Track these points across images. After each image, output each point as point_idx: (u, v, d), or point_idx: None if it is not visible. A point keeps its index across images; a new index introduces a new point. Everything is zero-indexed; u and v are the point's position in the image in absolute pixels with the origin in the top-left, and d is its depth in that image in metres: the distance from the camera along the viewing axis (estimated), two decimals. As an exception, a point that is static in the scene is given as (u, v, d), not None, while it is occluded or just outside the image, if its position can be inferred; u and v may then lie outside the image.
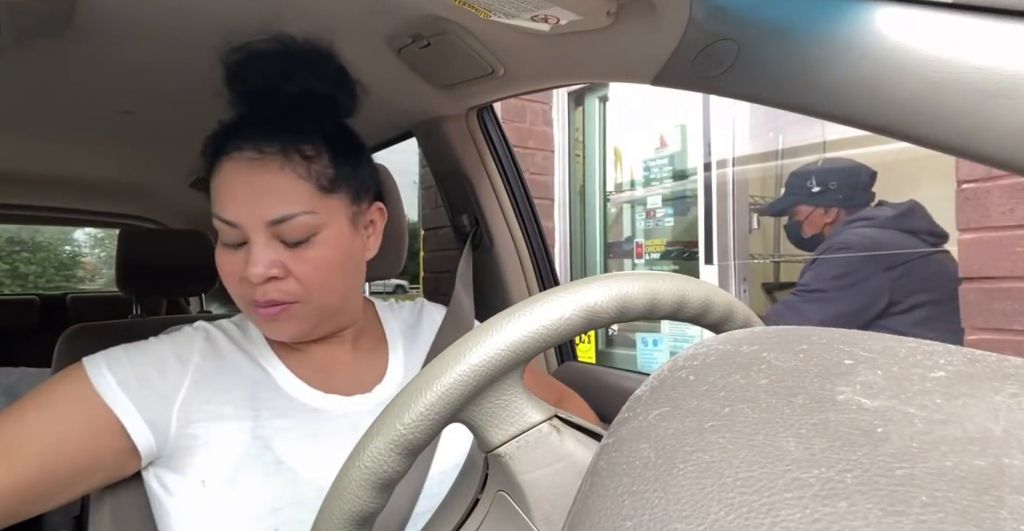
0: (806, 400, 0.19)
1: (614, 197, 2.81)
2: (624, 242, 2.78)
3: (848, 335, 0.24)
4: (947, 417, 0.18)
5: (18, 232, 6.16)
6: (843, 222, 1.75)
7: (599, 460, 0.22)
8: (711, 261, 2.23)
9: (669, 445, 0.20)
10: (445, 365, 0.33)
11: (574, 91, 2.82)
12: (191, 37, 0.81)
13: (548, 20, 0.65)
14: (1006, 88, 0.42)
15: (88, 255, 6.94)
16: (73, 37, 0.78)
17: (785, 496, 0.16)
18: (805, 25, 0.53)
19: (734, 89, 0.61)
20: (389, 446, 0.33)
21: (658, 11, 0.61)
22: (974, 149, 0.45)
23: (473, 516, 0.39)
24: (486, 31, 0.76)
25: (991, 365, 0.20)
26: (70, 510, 1.45)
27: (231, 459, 0.61)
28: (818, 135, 2.11)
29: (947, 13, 0.45)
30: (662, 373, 0.25)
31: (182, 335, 0.67)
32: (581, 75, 0.87)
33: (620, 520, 0.18)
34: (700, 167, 2.31)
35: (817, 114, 0.55)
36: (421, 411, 0.32)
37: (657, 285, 0.36)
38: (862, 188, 1.80)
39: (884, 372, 0.20)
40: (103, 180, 1.95)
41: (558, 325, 0.33)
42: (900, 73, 0.47)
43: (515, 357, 0.33)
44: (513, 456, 0.36)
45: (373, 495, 0.34)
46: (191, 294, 2.29)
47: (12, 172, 1.77)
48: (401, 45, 0.83)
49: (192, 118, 1.31)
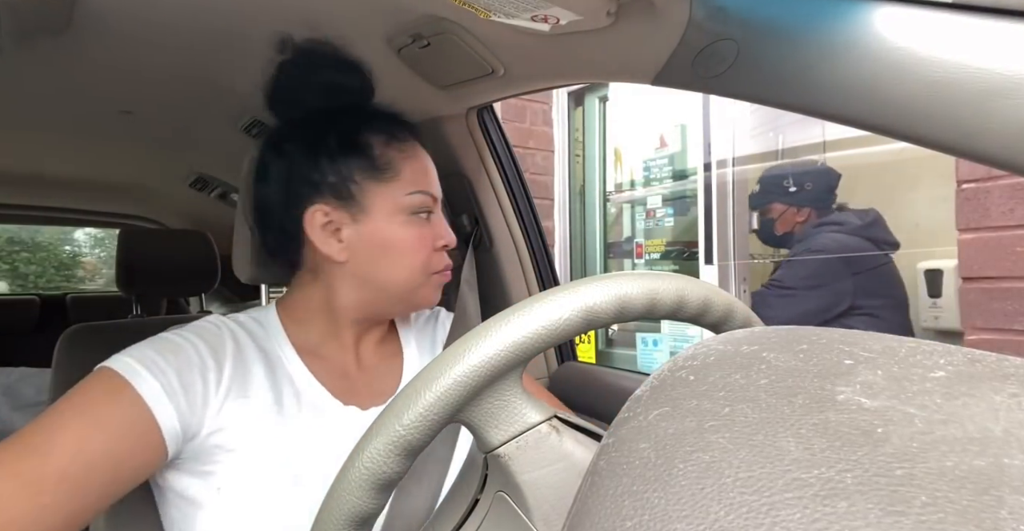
0: (806, 400, 0.19)
1: (614, 197, 2.81)
2: (624, 242, 2.78)
3: (848, 335, 0.24)
4: (947, 417, 0.18)
5: (18, 232, 6.16)
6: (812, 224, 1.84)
7: (599, 460, 0.22)
8: (711, 261, 2.22)
9: (669, 445, 0.20)
10: (444, 366, 0.33)
11: (574, 91, 2.82)
12: (191, 37, 0.82)
13: (548, 20, 0.65)
14: (1006, 88, 0.42)
15: (88, 255, 6.94)
16: (73, 37, 0.78)
17: (785, 496, 0.16)
18: (805, 25, 0.53)
19: (734, 89, 0.61)
20: (388, 447, 0.33)
21: (658, 11, 0.61)
22: (974, 149, 0.45)
23: (473, 516, 0.38)
24: (486, 31, 0.76)
25: (991, 365, 0.20)
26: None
27: (252, 468, 0.59)
28: (818, 135, 2.11)
29: (947, 13, 0.45)
30: (662, 373, 0.25)
31: (211, 335, 0.64)
32: (581, 75, 0.87)
33: (620, 520, 0.18)
34: (700, 167, 2.31)
35: (817, 114, 0.55)
36: (420, 412, 0.32)
37: (656, 285, 0.36)
38: (830, 191, 1.94)
39: (884, 372, 0.20)
40: (103, 180, 1.95)
41: (557, 325, 0.33)
42: (900, 73, 0.47)
43: (514, 357, 0.33)
44: (512, 456, 0.36)
45: (372, 496, 0.34)
46: (191, 294, 2.29)
47: (12, 172, 1.77)
48: (401, 45, 0.83)
49: (192, 118, 1.31)
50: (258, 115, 1.22)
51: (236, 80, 1.03)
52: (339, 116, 0.69)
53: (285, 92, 0.70)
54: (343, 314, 0.69)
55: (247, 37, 0.84)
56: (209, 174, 1.80)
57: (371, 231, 0.66)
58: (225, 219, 1.89)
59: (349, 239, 0.66)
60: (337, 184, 0.66)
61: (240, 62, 0.97)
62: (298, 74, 0.70)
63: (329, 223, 0.66)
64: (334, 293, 0.68)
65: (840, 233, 1.77)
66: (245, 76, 1.04)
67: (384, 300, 0.69)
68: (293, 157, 0.67)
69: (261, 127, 1.26)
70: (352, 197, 0.66)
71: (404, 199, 0.67)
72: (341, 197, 0.66)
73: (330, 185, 0.66)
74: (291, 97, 0.70)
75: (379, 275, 0.67)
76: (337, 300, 0.68)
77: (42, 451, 0.51)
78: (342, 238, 0.66)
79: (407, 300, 0.69)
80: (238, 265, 0.80)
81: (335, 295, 0.68)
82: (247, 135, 1.29)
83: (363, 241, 0.66)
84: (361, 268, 0.66)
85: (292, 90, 0.70)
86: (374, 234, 0.66)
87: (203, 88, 1.06)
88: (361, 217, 0.66)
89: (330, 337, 0.70)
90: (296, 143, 0.67)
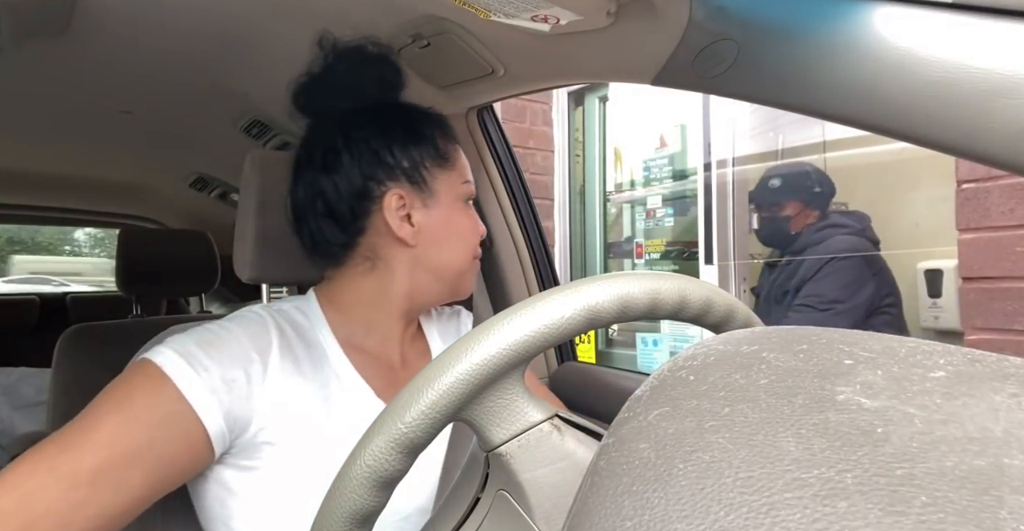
0: (806, 400, 0.19)
1: (614, 197, 2.81)
2: (624, 242, 2.78)
3: (848, 335, 0.24)
4: (947, 417, 0.18)
5: (18, 232, 6.16)
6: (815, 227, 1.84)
7: (599, 460, 0.22)
8: (711, 261, 2.23)
9: (669, 445, 0.20)
10: (447, 364, 0.33)
11: (574, 91, 2.82)
12: (191, 38, 0.82)
13: (548, 20, 0.65)
14: (1006, 88, 0.42)
15: (88, 255, 6.94)
16: (73, 37, 0.78)
17: (785, 496, 0.16)
18: (805, 25, 0.53)
19: (734, 89, 0.61)
20: (390, 445, 0.33)
21: (658, 11, 0.61)
22: (974, 149, 0.45)
23: (474, 515, 0.38)
24: (486, 31, 0.76)
25: (991, 365, 0.20)
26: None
27: (296, 462, 0.59)
28: (818, 135, 2.11)
29: (947, 13, 0.45)
30: (662, 373, 0.25)
31: (256, 327, 0.63)
32: (581, 75, 0.87)
33: (620, 520, 0.18)
34: (700, 167, 2.31)
35: (817, 114, 0.55)
36: (423, 409, 0.32)
37: (659, 285, 0.36)
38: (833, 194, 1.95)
39: (884, 372, 0.20)
40: (103, 180, 1.95)
41: (559, 324, 0.33)
42: (900, 73, 0.47)
43: (517, 356, 0.33)
44: (514, 455, 0.36)
45: (374, 494, 0.34)
46: (191, 294, 2.28)
47: (12, 172, 1.77)
48: (401, 45, 0.83)
49: (192, 118, 1.31)
50: (258, 115, 1.22)
51: (236, 80, 1.03)
52: (398, 108, 0.72)
53: (333, 86, 0.72)
54: (395, 304, 0.70)
55: (247, 37, 0.84)
56: (209, 174, 1.80)
57: (439, 216, 0.69)
58: (225, 219, 1.89)
59: (419, 223, 0.68)
60: (410, 169, 0.68)
61: (240, 62, 0.97)
62: (348, 70, 0.72)
63: (403, 206, 0.68)
64: (392, 280, 0.69)
65: (849, 235, 1.76)
66: (245, 76, 1.04)
67: (437, 286, 0.71)
68: (369, 144, 0.68)
69: (261, 127, 1.26)
70: (424, 182, 0.69)
71: (461, 187, 0.71)
72: (414, 181, 0.68)
73: (404, 170, 0.68)
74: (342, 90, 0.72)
75: (441, 259, 0.69)
76: (394, 288, 0.69)
77: (78, 446, 0.50)
78: (413, 222, 0.68)
79: (454, 286, 0.72)
80: (239, 265, 0.80)
81: (393, 282, 0.69)
82: (247, 135, 1.29)
83: (433, 226, 0.69)
84: (426, 252, 0.69)
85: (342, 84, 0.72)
86: (442, 219, 0.69)
87: (203, 88, 1.06)
88: (431, 202, 0.69)
89: (377, 330, 0.70)
90: (368, 131, 0.69)
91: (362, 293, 0.70)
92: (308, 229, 0.70)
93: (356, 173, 0.67)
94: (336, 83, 0.71)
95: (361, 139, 0.68)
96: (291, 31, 0.85)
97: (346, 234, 0.69)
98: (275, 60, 0.93)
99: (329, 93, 0.72)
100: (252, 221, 0.78)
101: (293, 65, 0.72)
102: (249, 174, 0.79)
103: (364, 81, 0.72)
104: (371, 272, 0.69)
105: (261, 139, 1.30)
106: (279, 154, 0.82)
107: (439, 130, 0.72)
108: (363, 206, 0.67)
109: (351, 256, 0.70)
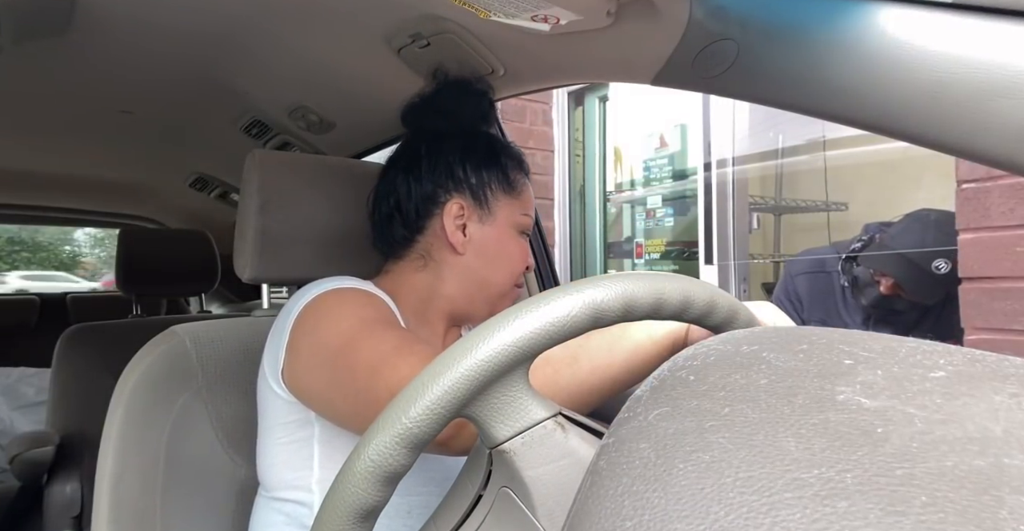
0: (806, 400, 0.19)
1: (614, 197, 2.81)
2: (624, 242, 2.78)
3: (848, 335, 0.24)
4: (947, 417, 0.18)
5: (18, 232, 6.17)
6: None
7: (599, 460, 0.22)
8: (711, 261, 2.23)
9: (669, 445, 0.20)
10: (452, 360, 0.33)
11: (574, 91, 2.82)
12: (191, 38, 0.82)
13: (548, 20, 0.65)
14: (1006, 88, 0.42)
15: (88, 255, 6.95)
16: (73, 37, 0.78)
17: (785, 496, 0.16)
18: (805, 25, 0.53)
19: (734, 89, 0.61)
20: (395, 440, 0.33)
21: (658, 11, 0.61)
22: (974, 149, 0.45)
23: (476, 512, 0.39)
24: (486, 31, 0.77)
25: (991, 365, 0.20)
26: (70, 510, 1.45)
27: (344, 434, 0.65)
28: (818, 134, 2.11)
29: (947, 13, 0.45)
30: (662, 373, 0.25)
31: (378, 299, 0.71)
32: (581, 75, 0.87)
33: (620, 520, 0.18)
34: (700, 167, 2.31)
35: (817, 114, 0.55)
36: (427, 405, 0.32)
37: (663, 286, 0.36)
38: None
39: (884, 372, 0.20)
40: (103, 180, 1.95)
41: (564, 323, 0.33)
42: (900, 73, 0.47)
43: (521, 354, 0.33)
44: (517, 452, 0.36)
45: (378, 488, 0.34)
46: (191, 294, 2.28)
47: (12, 172, 1.77)
48: (401, 45, 0.83)
49: (192, 118, 1.31)
50: (258, 115, 1.22)
51: (236, 80, 1.03)
52: (485, 136, 0.81)
53: (437, 109, 0.82)
54: (441, 304, 0.76)
55: (247, 37, 0.84)
56: (209, 174, 1.80)
57: (491, 235, 0.76)
58: (225, 219, 1.89)
59: (472, 236, 0.75)
60: (476, 186, 0.76)
61: (240, 62, 0.97)
62: (452, 97, 0.82)
63: (460, 216, 0.75)
64: (441, 281, 0.76)
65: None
66: (245, 76, 1.04)
67: (477, 297, 0.77)
68: (447, 157, 0.77)
69: (261, 127, 1.26)
70: (486, 201, 0.76)
71: (520, 217, 0.79)
72: (477, 198, 0.76)
73: (470, 185, 0.76)
74: (443, 113, 0.81)
75: (486, 273, 0.76)
76: (442, 288, 0.76)
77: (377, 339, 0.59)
78: (467, 233, 0.75)
79: (493, 303, 0.78)
80: (239, 265, 0.80)
81: (441, 283, 0.76)
82: (247, 135, 1.29)
83: (483, 241, 0.76)
84: (474, 263, 0.75)
85: (444, 109, 0.81)
86: (493, 238, 0.76)
87: (203, 88, 1.06)
88: (487, 220, 0.76)
89: (424, 324, 0.76)
90: (451, 148, 0.77)
91: (415, 286, 0.77)
92: (379, 218, 0.79)
93: (429, 179, 0.76)
94: (440, 107, 0.81)
95: (442, 153, 0.77)
96: (291, 31, 0.85)
97: (407, 230, 0.77)
98: (275, 60, 0.94)
99: (431, 114, 0.81)
100: (252, 221, 0.78)
101: (293, 65, 0.72)
102: (249, 174, 0.79)
103: (463, 109, 0.81)
104: (423, 269, 0.77)
105: (261, 139, 1.30)
106: (279, 154, 0.82)
107: (513, 161, 0.80)
108: (427, 208, 0.76)
109: (408, 252, 0.77)
